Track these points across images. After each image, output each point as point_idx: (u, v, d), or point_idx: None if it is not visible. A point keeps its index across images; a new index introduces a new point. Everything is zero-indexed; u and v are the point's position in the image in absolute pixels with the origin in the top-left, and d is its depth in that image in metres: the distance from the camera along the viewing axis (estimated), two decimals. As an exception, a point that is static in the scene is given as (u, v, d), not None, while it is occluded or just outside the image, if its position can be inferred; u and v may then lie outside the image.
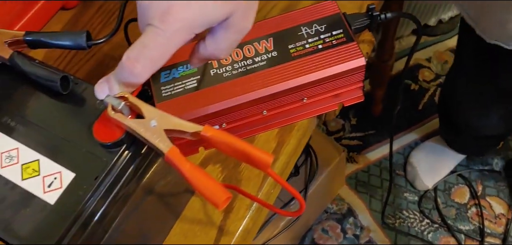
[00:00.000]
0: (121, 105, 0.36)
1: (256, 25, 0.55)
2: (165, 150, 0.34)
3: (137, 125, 0.35)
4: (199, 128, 0.36)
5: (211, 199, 0.34)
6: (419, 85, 1.60)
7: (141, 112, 0.36)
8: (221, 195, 0.33)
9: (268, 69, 0.51)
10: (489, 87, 0.99)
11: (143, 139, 0.35)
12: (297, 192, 0.38)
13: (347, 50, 0.51)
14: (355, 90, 0.55)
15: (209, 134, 0.35)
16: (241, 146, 0.35)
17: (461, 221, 1.40)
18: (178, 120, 0.36)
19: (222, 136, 0.35)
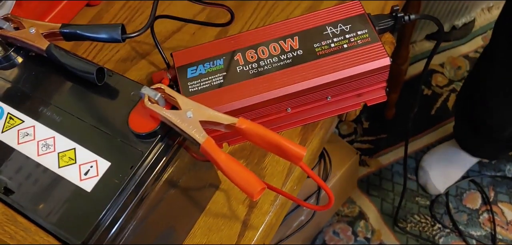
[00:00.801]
0: (157, 96, 0.37)
1: (281, 24, 0.56)
2: (201, 140, 0.35)
3: (173, 116, 0.36)
4: (234, 120, 0.37)
5: (246, 189, 0.35)
6: (432, 90, 1.60)
7: (177, 103, 0.37)
8: (256, 185, 0.34)
9: (293, 67, 0.52)
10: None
11: (179, 129, 0.36)
12: (327, 187, 0.39)
13: (372, 50, 0.51)
14: (378, 90, 0.55)
15: (244, 126, 0.36)
16: (274, 139, 0.36)
17: (473, 227, 1.39)
18: (213, 112, 0.37)
19: (257, 128, 0.36)
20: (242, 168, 0.35)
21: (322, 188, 0.39)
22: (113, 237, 0.38)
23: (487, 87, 1.09)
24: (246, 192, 0.34)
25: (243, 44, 0.54)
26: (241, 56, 0.54)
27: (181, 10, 0.66)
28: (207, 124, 0.37)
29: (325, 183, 0.38)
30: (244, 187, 0.34)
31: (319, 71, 0.51)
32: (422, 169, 1.45)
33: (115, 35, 0.41)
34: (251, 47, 0.54)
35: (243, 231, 0.53)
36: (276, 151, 0.37)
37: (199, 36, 0.64)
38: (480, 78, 1.12)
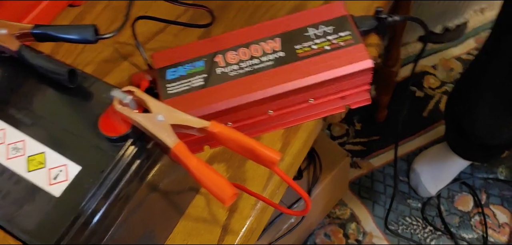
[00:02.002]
0: (128, 99, 0.36)
1: (263, 25, 0.55)
2: (171, 144, 0.34)
3: (143, 119, 0.35)
4: (206, 123, 0.36)
5: (217, 195, 0.34)
6: (424, 92, 1.59)
7: (148, 106, 0.36)
8: (228, 191, 0.33)
9: (274, 69, 0.51)
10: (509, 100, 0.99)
11: (150, 133, 0.35)
12: (304, 191, 0.38)
13: (354, 52, 0.51)
14: (362, 93, 0.55)
15: (216, 130, 0.35)
16: (248, 143, 0.35)
17: (465, 229, 1.39)
18: (185, 115, 0.36)
19: (229, 132, 0.35)
20: (214, 173, 0.34)
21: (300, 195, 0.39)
22: (84, 242, 0.37)
23: (474, 96, 1.09)
24: (218, 197, 0.33)
25: (224, 46, 0.54)
26: (222, 57, 0.53)
27: (164, 11, 0.65)
28: (179, 127, 0.36)
29: (301, 189, 0.38)
30: (216, 193, 0.33)
31: (300, 73, 0.50)
32: (413, 172, 1.45)
33: (87, 35, 0.40)
34: (232, 49, 0.53)
35: (223, 236, 0.52)
36: (250, 155, 0.36)
37: (182, 37, 0.63)
38: (467, 87, 1.12)
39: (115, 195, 0.38)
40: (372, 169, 1.49)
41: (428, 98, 1.58)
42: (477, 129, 1.16)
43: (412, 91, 1.59)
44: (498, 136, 1.18)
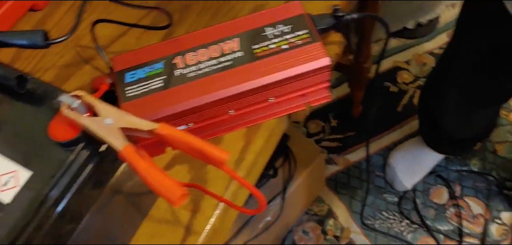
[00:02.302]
0: (76, 103, 0.36)
1: (223, 26, 0.55)
2: (119, 147, 0.34)
3: (91, 123, 0.35)
4: (154, 125, 0.36)
5: (166, 196, 0.34)
6: (398, 87, 1.61)
7: (96, 110, 0.36)
8: (176, 192, 0.34)
9: (232, 69, 0.51)
10: (478, 90, 1.00)
11: (98, 137, 0.35)
12: (257, 190, 0.38)
13: (312, 50, 0.51)
14: (322, 90, 0.55)
15: (164, 132, 0.36)
16: (197, 144, 0.36)
17: (440, 222, 1.41)
18: (133, 118, 0.36)
19: (178, 134, 0.35)
20: (162, 176, 0.34)
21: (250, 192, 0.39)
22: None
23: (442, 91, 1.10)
24: (167, 199, 0.34)
25: (183, 47, 0.54)
26: (181, 59, 0.53)
27: (125, 14, 0.64)
28: (129, 131, 0.36)
29: (253, 187, 0.38)
30: (165, 194, 0.34)
31: (257, 73, 0.51)
32: (389, 166, 1.47)
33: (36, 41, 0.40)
34: (191, 50, 0.53)
35: (186, 237, 0.52)
36: (200, 156, 0.36)
37: (145, 39, 0.63)
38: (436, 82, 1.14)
39: (68, 199, 0.38)
40: (349, 164, 1.50)
41: (402, 93, 1.60)
42: (446, 123, 1.18)
43: (386, 86, 1.61)
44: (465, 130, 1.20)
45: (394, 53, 1.66)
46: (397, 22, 1.60)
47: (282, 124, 0.62)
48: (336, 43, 0.64)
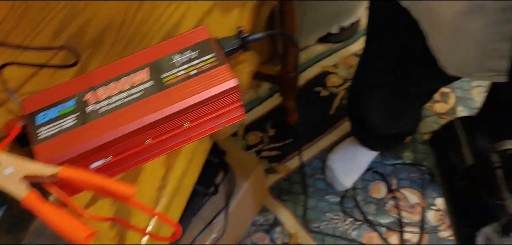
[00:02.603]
0: (-27, 156, 0.36)
1: (132, 57, 0.56)
2: (20, 196, 0.35)
3: (-11, 175, 0.35)
4: (56, 170, 0.36)
5: (73, 238, 0.34)
6: (329, 91, 1.66)
7: (-5, 161, 0.36)
8: (82, 232, 0.34)
9: (144, 99, 0.52)
10: (396, 92, 1.05)
11: None
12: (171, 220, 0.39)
13: (219, 74, 0.53)
14: (234, 109, 0.57)
15: (66, 174, 0.36)
16: (101, 182, 0.36)
17: (381, 215, 1.46)
18: (34, 165, 0.36)
19: (81, 175, 0.36)
20: (68, 217, 0.34)
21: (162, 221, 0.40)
22: None
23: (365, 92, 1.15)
24: (73, 240, 0.34)
25: (94, 82, 0.54)
26: (92, 94, 0.53)
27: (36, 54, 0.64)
28: (30, 178, 0.36)
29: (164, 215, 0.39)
30: (71, 236, 0.34)
31: (169, 101, 0.52)
32: (328, 168, 1.50)
33: None
34: (102, 85, 0.54)
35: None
36: (107, 194, 0.37)
37: (57, 78, 0.63)
38: (359, 84, 1.19)
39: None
40: (290, 171, 1.53)
41: (333, 96, 1.65)
42: (373, 123, 1.22)
43: (317, 91, 1.66)
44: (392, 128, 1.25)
45: (321, 58, 1.72)
46: (321, 28, 1.65)
47: (204, 145, 0.64)
48: (248, 61, 0.66)
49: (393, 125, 1.25)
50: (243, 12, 0.64)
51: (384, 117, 1.18)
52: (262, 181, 1.40)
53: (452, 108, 1.61)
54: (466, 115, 0.68)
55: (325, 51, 1.73)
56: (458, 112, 1.60)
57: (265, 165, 1.54)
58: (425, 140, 1.56)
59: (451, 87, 1.65)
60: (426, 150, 1.54)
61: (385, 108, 1.13)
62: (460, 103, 1.62)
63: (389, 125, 1.24)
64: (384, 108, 1.13)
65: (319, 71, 1.69)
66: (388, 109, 1.13)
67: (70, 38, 0.65)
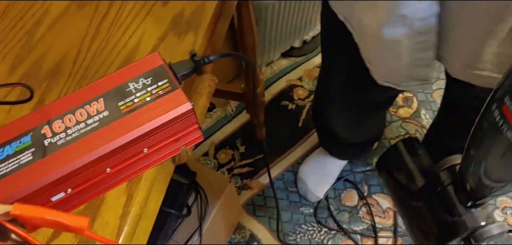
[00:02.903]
0: None
1: (88, 88, 0.56)
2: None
3: None
4: (8, 208, 0.36)
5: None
6: (296, 104, 1.68)
7: None
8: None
9: (101, 129, 0.53)
10: (356, 102, 1.07)
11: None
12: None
13: (173, 98, 0.53)
14: (192, 132, 0.58)
15: (18, 212, 0.36)
16: (54, 217, 0.36)
17: (355, 223, 1.48)
18: (-15, 204, 0.36)
19: (34, 211, 0.36)
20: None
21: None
22: None
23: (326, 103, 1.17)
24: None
25: (50, 116, 0.54)
26: (48, 128, 0.53)
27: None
28: (-17, 217, 0.36)
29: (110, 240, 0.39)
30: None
31: (125, 129, 0.52)
32: (300, 180, 1.52)
33: None
34: (58, 118, 0.54)
35: None
36: (61, 228, 0.37)
37: (15, 113, 0.63)
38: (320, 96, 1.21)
39: None
40: (262, 186, 1.54)
41: (300, 109, 1.67)
42: (338, 132, 1.25)
43: (284, 105, 1.68)
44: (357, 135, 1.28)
45: (286, 72, 1.74)
46: (284, 43, 1.68)
47: (166, 169, 0.64)
48: (207, 81, 0.67)
49: (357, 134, 1.28)
50: (197, 36, 0.66)
51: (346, 126, 1.21)
52: (234, 199, 1.41)
53: (416, 112, 1.65)
54: (407, 137, 0.70)
55: (290, 65, 1.76)
56: (422, 115, 1.64)
57: (238, 182, 1.55)
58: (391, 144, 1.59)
59: (413, 92, 1.70)
60: (394, 154, 1.57)
61: (346, 118, 1.16)
62: (422, 106, 1.67)
63: (353, 134, 1.27)
64: (345, 118, 1.15)
65: (285, 85, 1.72)
66: (349, 118, 1.15)
67: (26, 73, 0.65)
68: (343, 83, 0.99)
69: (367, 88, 0.95)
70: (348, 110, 1.10)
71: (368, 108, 1.09)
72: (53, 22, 0.70)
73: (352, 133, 1.26)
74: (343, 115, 1.14)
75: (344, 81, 0.97)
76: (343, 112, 1.13)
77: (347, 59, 0.88)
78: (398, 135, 1.61)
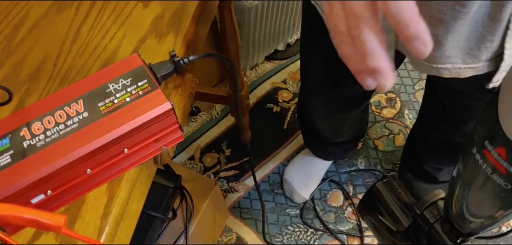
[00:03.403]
0: None
1: (67, 89, 0.57)
2: None
3: None
4: (-18, 207, 0.36)
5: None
6: (280, 106, 1.69)
7: None
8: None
9: (80, 130, 0.53)
10: (334, 96, 1.08)
11: None
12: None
13: (153, 98, 0.54)
14: (172, 132, 0.58)
15: (-6, 211, 0.36)
16: (31, 215, 0.37)
17: (341, 223, 1.49)
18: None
19: (9, 209, 0.36)
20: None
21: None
22: None
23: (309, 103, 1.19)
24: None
25: (29, 118, 0.54)
26: (26, 131, 0.53)
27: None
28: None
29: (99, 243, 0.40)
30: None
31: (104, 129, 0.52)
32: (286, 182, 1.53)
33: None
34: (37, 120, 0.54)
35: None
36: (37, 226, 0.37)
37: (-6, 117, 0.62)
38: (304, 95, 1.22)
39: None
40: (248, 189, 1.55)
41: (285, 111, 1.68)
42: (321, 131, 1.26)
43: (269, 108, 1.69)
44: (341, 132, 1.29)
45: (271, 75, 1.75)
46: (268, 46, 1.69)
47: (147, 170, 0.64)
48: (188, 83, 0.68)
49: (339, 132, 1.29)
50: (178, 37, 0.66)
51: (329, 124, 1.22)
52: (220, 201, 1.41)
53: (399, 112, 1.67)
54: (384, 176, 0.70)
55: (274, 68, 1.77)
56: (405, 115, 1.66)
57: (224, 185, 1.55)
58: (376, 145, 1.61)
59: (396, 92, 1.72)
60: (377, 154, 1.59)
61: (327, 115, 1.17)
62: (405, 106, 1.69)
63: (335, 133, 1.28)
64: (327, 114, 1.17)
65: (269, 88, 1.73)
66: (330, 114, 1.16)
67: (5, 76, 0.65)
68: (320, 75, 1.00)
69: (343, 81, 0.96)
70: (328, 105, 1.11)
71: (347, 103, 1.10)
72: (33, 25, 0.70)
73: (335, 131, 1.27)
74: (323, 111, 1.15)
75: (321, 73, 0.98)
76: (323, 108, 1.14)
77: (322, 51, 0.90)
78: (382, 135, 1.63)
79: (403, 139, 1.61)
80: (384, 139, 1.63)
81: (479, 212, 0.53)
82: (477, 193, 0.51)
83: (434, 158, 1.19)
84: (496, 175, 0.45)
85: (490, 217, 0.52)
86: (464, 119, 0.93)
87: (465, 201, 0.53)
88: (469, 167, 0.50)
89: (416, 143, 1.25)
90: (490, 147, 0.44)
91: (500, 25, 0.62)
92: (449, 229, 0.60)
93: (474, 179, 0.50)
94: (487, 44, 0.65)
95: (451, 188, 0.56)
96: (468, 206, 0.53)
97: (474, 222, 0.55)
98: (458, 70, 0.70)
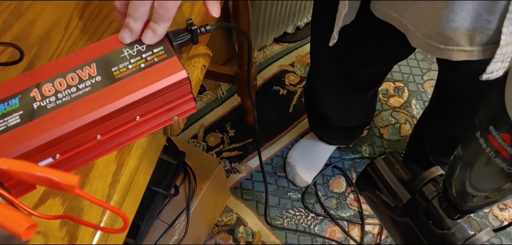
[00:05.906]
0: None
1: (79, 52, 0.55)
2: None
3: None
4: (-5, 162, 0.35)
5: (14, 230, 0.33)
6: (287, 89, 1.68)
7: None
8: (23, 224, 0.33)
9: (92, 94, 0.51)
10: (343, 78, 1.07)
11: None
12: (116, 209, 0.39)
13: (169, 66, 0.53)
14: (186, 102, 0.57)
15: (6, 166, 0.35)
16: (43, 172, 0.35)
17: (342, 209, 1.48)
18: (-28, 159, 0.35)
19: (21, 166, 0.35)
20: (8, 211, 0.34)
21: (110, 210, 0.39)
22: None
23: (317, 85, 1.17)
24: (15, 233, 0.33)
25: (40, 79, 0.53)
26: (37, 91, 0.52)
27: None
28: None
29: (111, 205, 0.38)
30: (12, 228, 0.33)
31: (118, 94, 0.51)
32: (289, 165, 1.52)
33: None
34: (48, 81, 0.53)
35: (64, 269, 0.51)
36: (50, 184, 0.36)
37: (3, 75, 0.61)
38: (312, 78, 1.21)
39: None
40: (251, 170, 1.54)
41: (292, 94, 1.67)
42: (328, 115, 1.25)
43: (276, 90, 1.67)
44: (348, 117, 1.28)
45: (279, 57, 1.74)
46: (278, 28, 1.67)
47: (157, 140, 0.63)
48: (202, 55, 0.66)
49: (345, 116, 1.27)
50: (194, 6, 0.64)
51: (335, 106, 1.21)
52: (222, 181, 1.40)
53: (407, 102, 1.66)
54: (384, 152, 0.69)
55: (282, 50, 1.76)
56: (412, 105, 1.65)
57: (226, 165, 1.54)
58: (381, 133, 1.60)
59: (404, 81, 1.70)
60: (382, 143, 1.58)
61: (335, 96, 1.16)
62: (413, 96, 1.67)
63: (342, 116, 1.27)
64: (334, 96, 1.15)
65: (277, 70, 1.71)
66: (338, 95, 1.15)
67: (15, 37, 0.64)
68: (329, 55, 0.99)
69: (354, 64, 0.95)
70: (335, 85, 1.10)
71: (355, 86, 1.09)
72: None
73: (341, 114, 1.26)
74: (331, 91, 1.14)
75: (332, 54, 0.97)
76: (330, 88, 1.12)
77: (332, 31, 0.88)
78: (388, 123, 1.62)
79: (409, 129, 1.60)
80: (390, 128, 1.62)
81: (483, 187, 0.54)
82: (479, 171, 0.51)
83: (440, 151, 1.18)
84: (499, 159, 0.46)
85: (496, 190, 0.52)
86: (473, 115, 0.92)
87: (467, 179, 0.53)
88: (471, 149, 0.51)
89: (423, 134, 1.24)
90: (494, 132, 0.45)
91: (498, 4, 0.60)
92: (447, 206, 0.60)
93: (475, 161, 0.50)
94: (483, 23, 0.63)
95: (451, 168, 0.56)
96: (471, 182, 0.53)
97: (477, 196, 0.55)
98: (450, 51, 0.68)
